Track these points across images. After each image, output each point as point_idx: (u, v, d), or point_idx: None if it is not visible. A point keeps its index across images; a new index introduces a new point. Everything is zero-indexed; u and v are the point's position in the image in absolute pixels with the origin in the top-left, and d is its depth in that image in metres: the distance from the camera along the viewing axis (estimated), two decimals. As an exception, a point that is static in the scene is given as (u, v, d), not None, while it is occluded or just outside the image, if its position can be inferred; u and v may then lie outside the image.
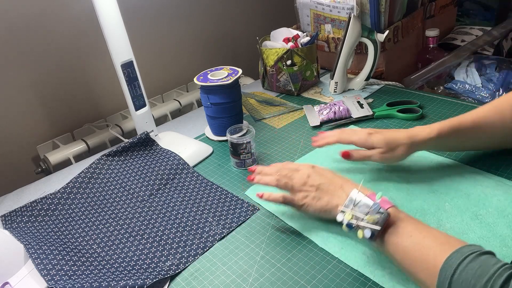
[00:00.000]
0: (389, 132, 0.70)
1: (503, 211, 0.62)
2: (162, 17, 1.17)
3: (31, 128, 1.00)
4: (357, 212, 0.55)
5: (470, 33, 1.36)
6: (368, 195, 0.56)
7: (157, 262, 0.63)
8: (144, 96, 0.87)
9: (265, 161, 0.84)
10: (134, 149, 0.88)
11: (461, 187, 0.68)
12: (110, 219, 0.73)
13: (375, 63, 1.03)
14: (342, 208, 0.57)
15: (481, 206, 0.64)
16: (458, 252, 0.46)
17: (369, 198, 0.55)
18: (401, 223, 0.53)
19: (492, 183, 0.68)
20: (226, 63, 1.32)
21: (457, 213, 0.63)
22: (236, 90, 0.89)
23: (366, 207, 0.54)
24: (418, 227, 0.52)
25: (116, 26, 0.78)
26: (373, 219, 0.53)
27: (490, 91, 1.09)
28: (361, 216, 0.54)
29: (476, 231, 0.60)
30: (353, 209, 0.55)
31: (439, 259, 0.46)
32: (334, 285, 0.55)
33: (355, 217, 0.55)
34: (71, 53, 1.01)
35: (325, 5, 1.11)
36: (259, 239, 0.65)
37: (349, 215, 0.55)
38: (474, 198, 0.65)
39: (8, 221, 0.74)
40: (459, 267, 0.44)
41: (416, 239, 0.50)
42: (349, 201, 0.56)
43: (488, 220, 0.61)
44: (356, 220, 0.54)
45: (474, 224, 0.61)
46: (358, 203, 0.56)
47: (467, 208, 0.64)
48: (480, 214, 0.62)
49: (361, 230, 0.53)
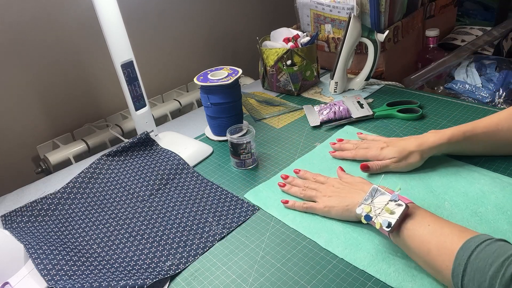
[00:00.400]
0: (400, 141, 0.74)
1: (502, 208, 0.63)
2: (162, 17, 1.17)
3: (31, 128, 1.00)
4: (375, 204, 0.57)
5: (470, 33, 1.36)
6: (387, 190, 0.58)
7: (157, 262, 0.63)
8: (144, 96, 0.87)
9: (265, 161, 0.84)
10: (134, 149, 0.88)
11: (459, 185, 0.69)
12: (110, 219, 0.73)
13: (375, 63, 1.03)
14: (361, 201, 0.59)
15: (480, 203, 0.65)
16: (476, 237, 0.47)
17: (387, 193, 0.57)
18: (419, 214, 0.54)
19: (489, 180, 0.69)
20: (226, 63, 1.32)
21: (457, 211, 0.64)
22: (236, 90, 0.89)
23: (384, 199, 0.56)
24: (437, 218, 0.54)
25: (116, 26, 0.78)
26: (390, 210, 0.54)
27: (490, 91, 1.09)
28: (379, 207, 0.56)
29: (477, 228, 0.60)
30: (372, 203, 0.57)
31: (456, 244, 0.47)
32: (334, 285, 0.56)
33: (373, 209, 0.57)
34: (71, 53, 1.01)
35: (325, 5, 1.11)
36: (259, 239, 0.65)
37: (368, 207, 0.57)
38: (473, 196, 0.66)
39: (8, 221, 0.74)
40: (476, 248, 0.45)
41: (434, 227, 0.52)
42: (369, 195, 0.59)
43: (488, 217, 0.62)
44: (375, 212, 0.56)
45: (475, 221, 0.62)
46: (377, 197, 0.58)
47: (467, 206, 0.64)
48: (479, 211, 0.63)
49: (379, 220, 0.55)
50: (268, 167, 0.82)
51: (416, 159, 0.71)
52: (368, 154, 0.76)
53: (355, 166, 0.77)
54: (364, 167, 0.74)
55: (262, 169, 0.82)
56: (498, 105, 1.07)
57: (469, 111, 0.91)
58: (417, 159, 0.71)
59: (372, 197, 0.58)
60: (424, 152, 0.71)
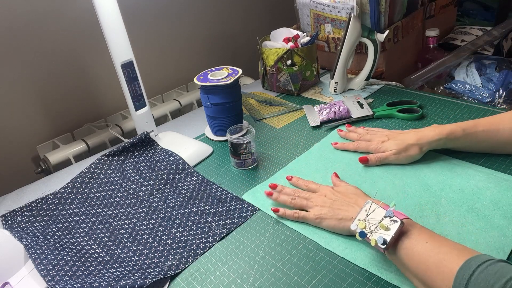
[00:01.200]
0: (401, 134, 0.76)
1: (498, 203, 0.64)
2: (162, 17, 1.17)
3: (31, 128, 1.00)
4: (370, 220, 0.55)
5: (470, 33, 1.36)
6: (382, 205, 0.56)
7: (157, 262, 0.63)
8: (144, 96, 0.87)
9: (265, 161, 0.84)
10: (134, 149, 0.88)
11: (455, 182, 0.70)
12: (110, 219, 0.73)
13: (375, 63, 1.03)
14: (356, 217, 0.57)
15: (476, 199, 0.65)
16: (477, 257, 0.45)
17: (382, 208, 0.55)
18: (416, 231, 0.52)
19: (484, 176, 0.70)
20: (226, 63, 1.32)
21: (454, 207, 0.65)
22: (236, 90, 0.89)
23: (379, 215, 0.54)
24: (434, 236, 0.52)
25: (116, 26, 0.78)
26: (385, 226, 0.52)
27: (490, 91, 1.09)
28: (374, 223, 0.54)
29: (474, 223, 0.61)
30: (366, 218, 0.56)
31: (455, 263, 0.45)
32: (334, 285, 0.56)
33: (368, 226, 0.55)
34: (71, 53, 1.01)
35: (325, 5, 1.11)
36: (259, 239, 0.65)
37: (363, 224, 0.55)
38: (469, 192, 0.67)
39: (8, 221, 0.74)
40: (477, 269, 0.43)
41: (432, 245, 0.50)
42: (363, 211, 0.57)
43: (484, 213, 0.63)
44: (369, 228, 0.54)
45: (471, 216, 0.62)
46: (371, 212, 0.56)
47: (463, 202, 0.65)
48: (475, 207, 0.64)
49: (374, 237, 0.53)
50: (268, 167, 0.82)
51: (415, 151, 0.73)
52: (369, 147, 0.78)
53: (350, 166, 0.77)
54: (364, 160, 0.76)
55: (262, 169, 0.82)
56: (498, 105, 1.07)
57: (469, 111, 0.91)
58: (416, 152, 0.73)
59: (367, 212, 0.56)
60: (423, 145, 0.73)
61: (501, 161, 0.73)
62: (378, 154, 0.76)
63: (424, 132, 0.73)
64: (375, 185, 0.72)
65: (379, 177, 0.74)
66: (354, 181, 0.73)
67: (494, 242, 0.57)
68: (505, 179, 0.69)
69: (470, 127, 0.71)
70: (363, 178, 0.74)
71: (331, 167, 0.78)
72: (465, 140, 0.72)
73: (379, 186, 0.71)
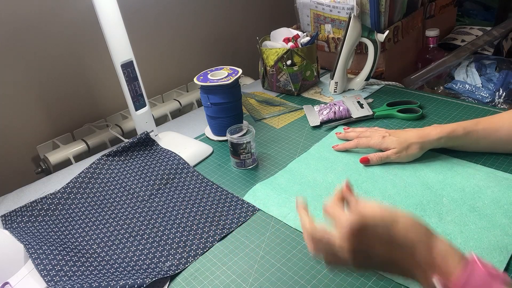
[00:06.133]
0: (402, 132, 0.76)
1: (499, 202, 0.64)
2: (162, 17, 1.17)
3: (31, 128, 1.00)
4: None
5: (470, 33, 1.36)
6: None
7: (157, 262, 0.63)
8: (144, 96, 0.87)
9: (265, 161, 0.84)
10: (134, 149, 0.88)
11: (456, 181, 0.70)
12: (110, 219, 0.73)
13: (375, 63, 1.03)
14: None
15: (477, 198, 0.65)
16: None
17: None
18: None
19: (484, 175, 0.70)
20: (226, 63, 1.32)
21: (455, 206, 0.65)
22: (236, 90, 0.89)
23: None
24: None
25: (116, 26, 0.78)
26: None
27: (490, 91, 1.09)
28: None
29: (476, 222, 0.61)
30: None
31: None
32: (334, 285, 0.56)
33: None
34: (71, 53, 1.01)
35: (325, 5, 1.11)
36: (259, 239, 0.65)
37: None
38: (470, 191, 0.67)
39: (8, 221, 0.74)
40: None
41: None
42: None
43: (486, 212, 0.63)
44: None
45: (473, 216, 0.62)
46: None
47: (464, 202, 0.65)
48: (477, 206, 0.64)
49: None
50: (268, 167, 0.82)
51: (416, 150, 0.73)
52: (370, 142, 0.78)
53: (351, 166, 0.77)
54: (364, 160, 0.76)
55: (262, 169, 0.82)
56: (498, 105, 1.07)
57: (469, 111, 0.91)
58: (417, 150, 0.73)
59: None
60: (425, 143, 0.73)
61: (502, 161, 0.73)
62: (379, 153, 0.76)
63: (425, 131, 0.74)
64: (376, 185, 0.72)
65: (379, 176, 0.74)
66: (354, 181, 0.73)
67: (497, 241, 0.57)
68: (505, 178, 0.69)
69: (471, 126, 0.71)
70: (363, 177, 0.74)
71: (331, 167, 0.78)
72: (465, 139, 0.72)
73: (380, 186, 0.71)
